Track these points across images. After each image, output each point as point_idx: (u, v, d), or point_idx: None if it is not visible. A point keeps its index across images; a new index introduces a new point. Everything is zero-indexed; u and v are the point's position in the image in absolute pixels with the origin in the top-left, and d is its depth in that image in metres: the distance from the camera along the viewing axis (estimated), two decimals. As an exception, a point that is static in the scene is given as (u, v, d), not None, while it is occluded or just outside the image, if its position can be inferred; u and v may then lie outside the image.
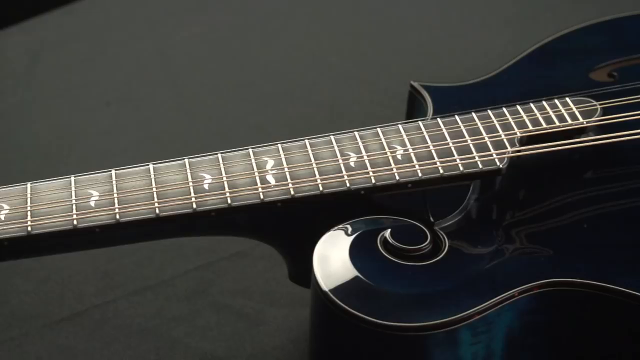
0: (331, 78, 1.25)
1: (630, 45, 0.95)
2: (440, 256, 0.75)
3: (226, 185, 0.78)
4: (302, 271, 0.81)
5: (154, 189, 0.77)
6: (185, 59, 1.29)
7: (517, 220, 0.79)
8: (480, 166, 0.79)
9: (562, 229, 0.78)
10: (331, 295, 0.72)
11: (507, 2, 1.38)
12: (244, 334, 0.91)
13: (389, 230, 0.76)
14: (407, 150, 0.80)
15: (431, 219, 0.79)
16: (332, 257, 0.75)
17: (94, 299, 0.94)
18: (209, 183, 0.78)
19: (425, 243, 0.76)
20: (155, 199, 0.76)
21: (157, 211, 0.76)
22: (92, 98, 1.22)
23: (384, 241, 0.76)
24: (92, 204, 0.76)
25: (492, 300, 0.72)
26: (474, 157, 0.79)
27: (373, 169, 0.79)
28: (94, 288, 0.95)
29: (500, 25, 1.33)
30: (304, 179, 0.78)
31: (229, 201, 0.77)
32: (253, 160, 0.80)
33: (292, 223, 0.80)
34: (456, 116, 0.83)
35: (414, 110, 0.93)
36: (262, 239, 0.83)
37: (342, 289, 0.72)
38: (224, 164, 0.79)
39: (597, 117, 0.83)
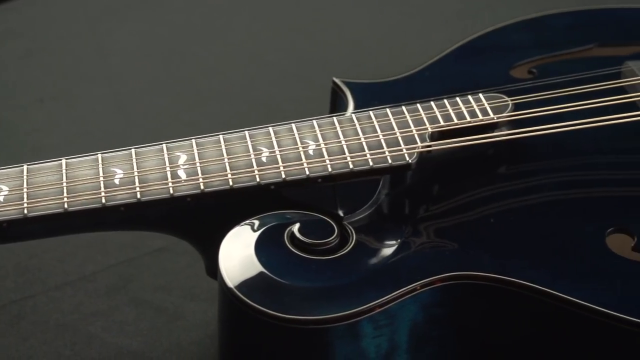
0: (267, 75, 1.25)
1: (551, 42, 0.96)
2: (346, 250, 0.76)
3: (137, 180, 0.78)
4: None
5: (64, 184, 0.77)
6: (120, 57, 1.28)
7: (426, 215, 0.80)
8: (390, 161, 0.79)
9: (470, 224, 0.79)
10: (235, 290, 0.72)
11: (447, 0, 1.39)
12: (161, 329, 0.90)
13: (297, 225, 0.76)
14: (319, 145, 0.81)
15: (340, 214, 0.79)
16: (238, 253, 0.75)
17: (12, 294, 0.94)
18: (120, 178, 0.78)
19: (332, 237, 0.76)
20: (65, 194, 0.76)
21: (66, 206, 0.76)
22: (25, 95, 1.22)
23: (291, 236, 0.76)
24: (1, 198, 0.76)
25: (393, 294, 0.72)
26: (384, 153, 0.80)
27: (284, 164, 0.79)
28: (14, 284, 0.95)
29: (439, 23, 1.33)
30: (215, 174, 0.78)
31: (139, 196, 0.77)
32: (166, 155, 0.80)
33: (204, 218, 0.80)
34: (370, 112, 0.84)
35: (335, 106, 0.93)
36: (176, 234, 0.83)
37: (247, 284, 0.73)
38: (136, 159, 0.79)
39: (509, 112, 0.84)
